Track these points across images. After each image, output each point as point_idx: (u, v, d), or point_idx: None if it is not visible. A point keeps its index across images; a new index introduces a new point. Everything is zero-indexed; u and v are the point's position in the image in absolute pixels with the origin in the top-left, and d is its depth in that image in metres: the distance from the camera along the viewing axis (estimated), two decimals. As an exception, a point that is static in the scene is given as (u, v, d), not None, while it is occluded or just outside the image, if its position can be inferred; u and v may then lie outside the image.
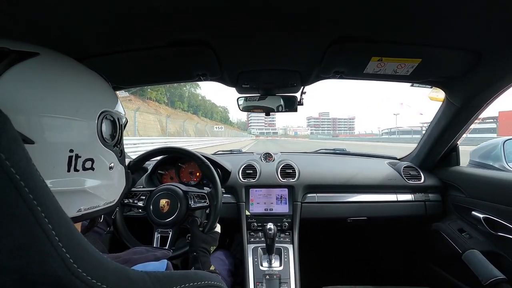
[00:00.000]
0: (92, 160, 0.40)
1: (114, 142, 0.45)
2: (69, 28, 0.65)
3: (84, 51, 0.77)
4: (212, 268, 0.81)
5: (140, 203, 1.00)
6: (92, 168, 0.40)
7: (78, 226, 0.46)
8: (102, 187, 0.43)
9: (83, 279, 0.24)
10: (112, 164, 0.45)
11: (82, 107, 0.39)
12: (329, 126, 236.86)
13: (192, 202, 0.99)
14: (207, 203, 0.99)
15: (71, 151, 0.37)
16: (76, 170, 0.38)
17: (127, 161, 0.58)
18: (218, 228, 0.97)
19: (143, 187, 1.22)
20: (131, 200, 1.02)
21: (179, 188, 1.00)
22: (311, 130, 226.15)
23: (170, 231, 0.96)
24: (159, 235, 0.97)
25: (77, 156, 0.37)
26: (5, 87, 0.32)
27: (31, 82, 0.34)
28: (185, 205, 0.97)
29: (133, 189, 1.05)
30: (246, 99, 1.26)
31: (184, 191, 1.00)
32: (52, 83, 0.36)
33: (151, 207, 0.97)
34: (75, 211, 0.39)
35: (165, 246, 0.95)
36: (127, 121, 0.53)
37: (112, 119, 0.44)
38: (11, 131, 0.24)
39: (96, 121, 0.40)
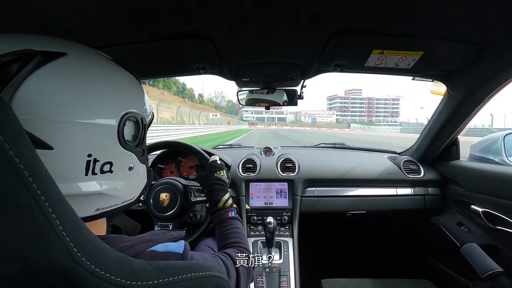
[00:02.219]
0: (110, 163, 0.39)
1: (136, 143, 0.43)
2: (67, 20, 0.64)
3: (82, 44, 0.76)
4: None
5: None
6: (110, 171, 0.39)
7: (101, 221, 0.44)
8: (120, 188, 0.42)
9: (86, 268, 0.24)
10: (132, 165, 0.43)
11: (104, 111, 0.37)
12: (361, 109, 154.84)
13: (192, 196, 0.99)
14: None
15: (89, 155, 0.36)
16: (94, 173, 0.37)
17: None
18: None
19: None
20: None
21: (179, 182, 1.00)
22: (336, 115, 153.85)
23: (170, 224, 0.97)
24: (159, 228, 0.98)
25: (95, 160, 0.36)
26: (28, 91, 0.31)
27: (53, 87, 0.33)
28: (185, 199, 0.97)
29: None
30: (245, 92, 1.25)
31: (184, 185, 1.00)
32: (75, 87, 0.35)
33: (151, 200, 0.97)
34: (93, 210, 0.38)
35: None
36: (153, 118, 0.50)
37: (135, 119, 0.42)
38: (15, 122, 0.24)
39: (117, 124, 0.39)
